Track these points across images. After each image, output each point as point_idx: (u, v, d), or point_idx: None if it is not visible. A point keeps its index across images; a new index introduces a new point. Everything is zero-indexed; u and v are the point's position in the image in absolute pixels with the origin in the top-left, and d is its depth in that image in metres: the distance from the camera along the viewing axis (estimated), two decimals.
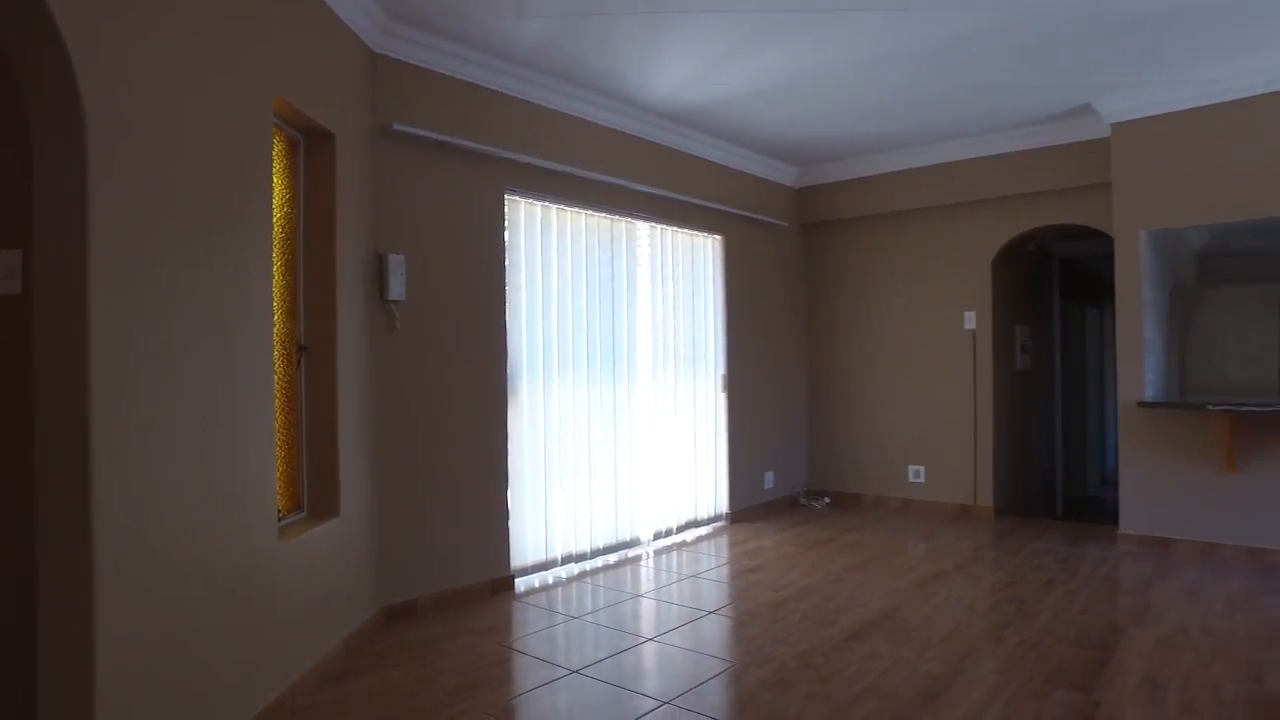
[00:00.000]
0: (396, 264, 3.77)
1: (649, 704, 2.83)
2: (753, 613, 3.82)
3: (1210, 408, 4.67)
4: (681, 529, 5.48)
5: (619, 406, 5.00)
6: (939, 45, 4.04)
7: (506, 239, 4.30)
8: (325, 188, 3.31)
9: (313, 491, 3.30)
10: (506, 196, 4.31)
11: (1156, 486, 4.98)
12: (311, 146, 3.31)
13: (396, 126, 3.75)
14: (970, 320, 6.03)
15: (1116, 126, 5.05)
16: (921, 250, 6.24)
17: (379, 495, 3.71)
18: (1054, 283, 7.46)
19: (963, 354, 6.06)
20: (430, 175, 3.97)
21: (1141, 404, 4.91)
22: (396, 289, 3.77)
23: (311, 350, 3.29)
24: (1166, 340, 5.78)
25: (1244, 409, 4.54)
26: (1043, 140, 5.52)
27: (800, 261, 6.81)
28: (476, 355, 4.14)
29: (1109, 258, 5.35)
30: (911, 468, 6.29)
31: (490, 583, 4.18)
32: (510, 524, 4.28)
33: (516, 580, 4.31)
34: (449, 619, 3.77)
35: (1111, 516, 5.19)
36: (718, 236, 5.85)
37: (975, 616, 3.72)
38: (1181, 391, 6.12)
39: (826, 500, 6.57)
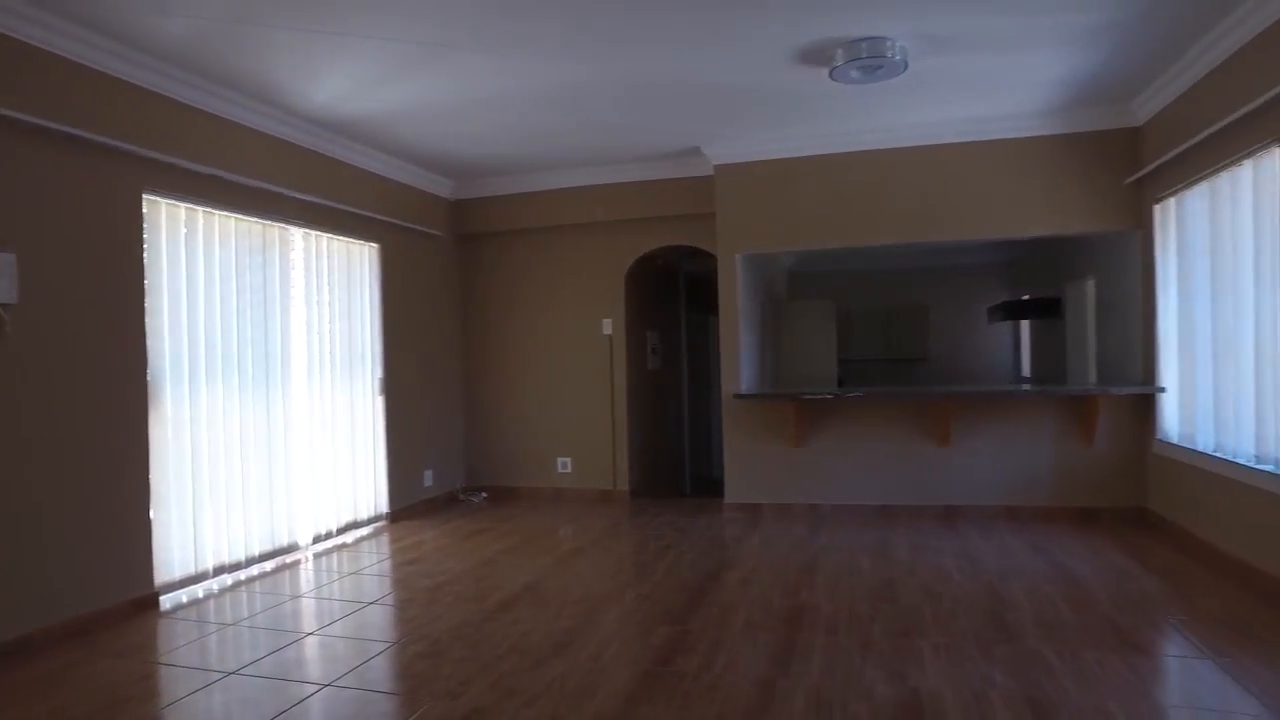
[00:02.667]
0: (5, 263, 3.45)
1: (310, 689, 3.01)
2: (411, 599, 4.12)
3: (809, 397, 5.93)
4: (342, 531, 5.56)
5: (274, 412, 4.96)
6: (562, 88, 4.66)
7: (146, 241, 4.09)
8: None
9: None
10: (146, 197, 4.10)
11: (749, 463, 6.18)
12: None
13: (5, 112, 3.43)
14: (608, 327, 6.88)
15: (718, 167, 6.15)
16: (565, 263, 6.96)
17: None
18: (680, 294, 8.70)
19: (602, 356, 6.89)
20: (51, 169, 3.67)
21: (738, 396, 6.06)
22: (6, 291, 3.45)
23: None
24: (759, 343, 7.14)
25: (804, 397, 5.85)
26: (664, 173, 6.51)
27: (455, 270, 7.17)
28: (110, 363, 3.90)
29: None
30: (560, 460, 6.99)
31: (131, 603, 3.95)
32: (154, 538, 4.09)
33: (162, 597, 4.12)
34: (78, 647, 3.53)
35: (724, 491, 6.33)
36: (374, 245, 6.00)
37: (604, 581, 4.40)
38: (773, 385, 7.58)
39: (484, 495, 7.03)
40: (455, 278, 7.16)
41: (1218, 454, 4.38)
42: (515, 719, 2.70)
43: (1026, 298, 8.87)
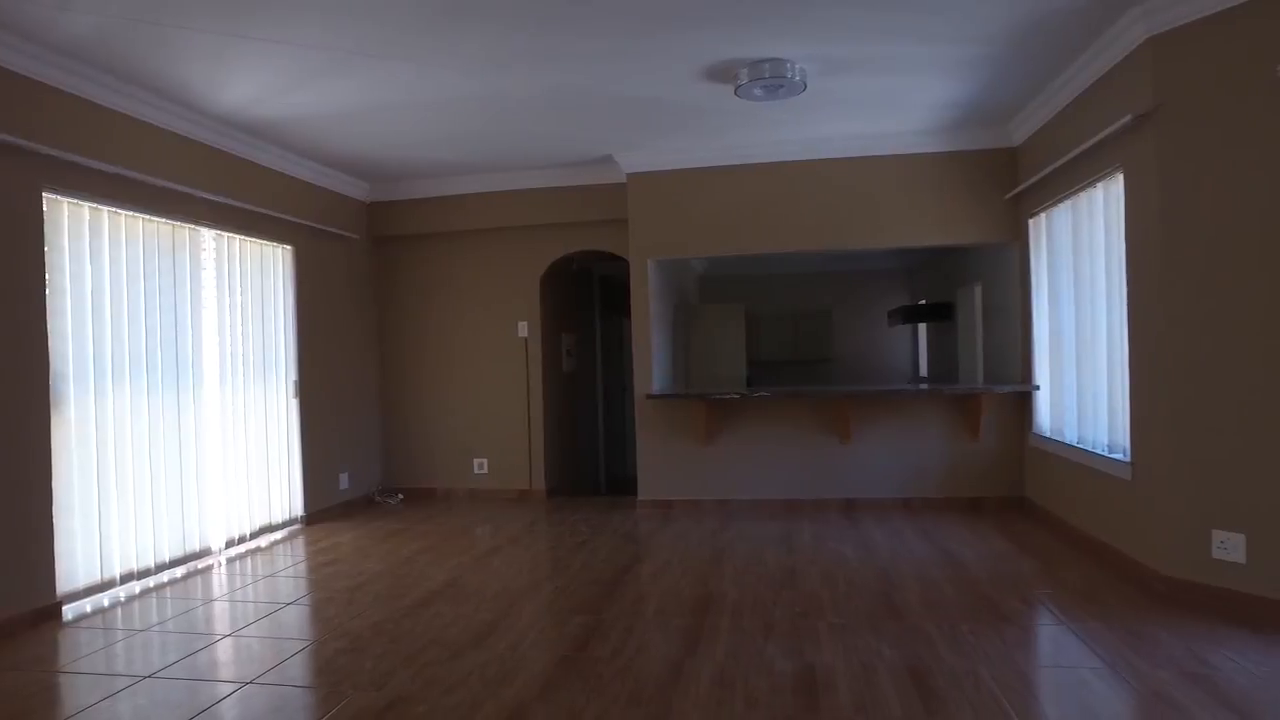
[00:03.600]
0: None
1: (229, 688, 3.04)
2: (330, 599, 4.16)
3: (718, 397, 6.18)
4: (256, 534, 5.50)
5: (184, 416, 4.89)
6: (481, 98, 4.78)
7: (48, 241, 4.00)
8: None
9: None
10: (47, 196, 4.01)
11: (661, 461, 6.40)
12: None
13: None
14: (523, 329, 7.00)
15: (630, 176, 6.35)
16: (483, 266, 7.05)
17: None
18: (594, 297, 8.88)
19: (518, 359, 7.00)
20: None
21: (650, 396, 6.26)
22: None
23: None
24: (671, 345, 7.37)
25: (713, 397, 6.11)
26: (579, 179, 6.66)
27: (371, 272, 7.16)
28: (8, 366, 3.80)
29: None
30: (476, 461, 7.06)
31: (30, 614, 3.85)
32: (57, 546, 3.99)
33: (66, 606, 4.03)
34: None
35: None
36: (288, 246, 5.95)
37: (522, 576, 4.53)
38: (685, 385, 7.84)
39: (400, 496, 7.03)
40: (371, 280, 7.14)
41: (1080, 444, 4.84)
42: (437, 706, 2.82)
43: (923, 303, 9.42)
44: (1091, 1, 3.70)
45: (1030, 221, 5.60)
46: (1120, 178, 4.17)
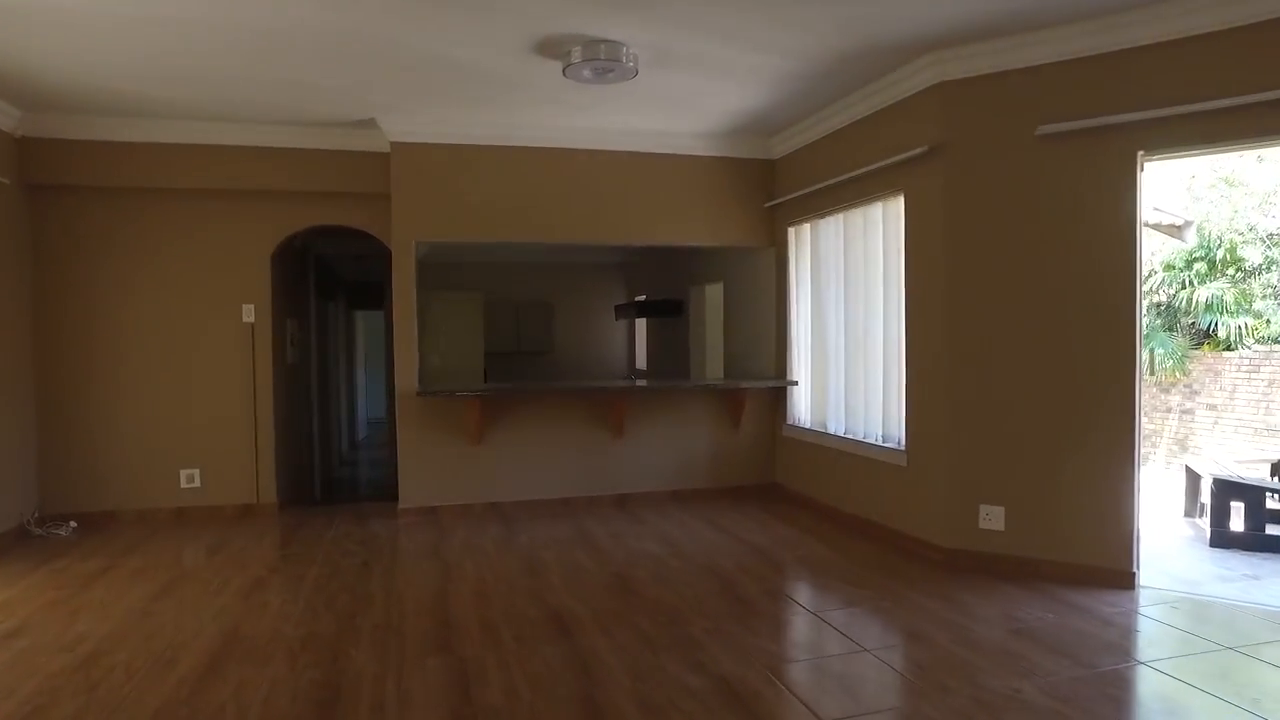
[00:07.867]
0: None
1: None
2: (55, 688, 3.00)
3: (474, 394, 5.70)
4: None
5: None
6: (221, 23, 3.80)
7: None
8: None
9: None
10: None
11: (423, 464, 5.76)
12: None
13: None
14: (249, 314, 5.87)
15: (395, 145, 5.60)
16: (197, 235, 5.75)
17: None
18: (311, 280, 7.76)
19: (242, 348, 5.85)
20: None
21: (420, 394, 5.62)
22: None
23: None
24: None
25: (470, 393, 5.69)
26: (326, 143, 5.70)
27: (25, 231, 5.44)
28: None
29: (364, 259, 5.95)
30: (184, 472, 5.76)
31: None
32: None
33: None
34: None
35: (360, 494, 5.81)
36: None
37: (319, 614, 3.75)
38: (423, 380, 7.18)
39: (73, 524, 5.45)
40: (25, 241, 5.42)
41: (835, 432, 5.45)
42: None
43: (644, 298, 9.77)
44: (899, 43, 4.10)
45: (791, 230, 6.07)
46: (900, 199, 4.68)
